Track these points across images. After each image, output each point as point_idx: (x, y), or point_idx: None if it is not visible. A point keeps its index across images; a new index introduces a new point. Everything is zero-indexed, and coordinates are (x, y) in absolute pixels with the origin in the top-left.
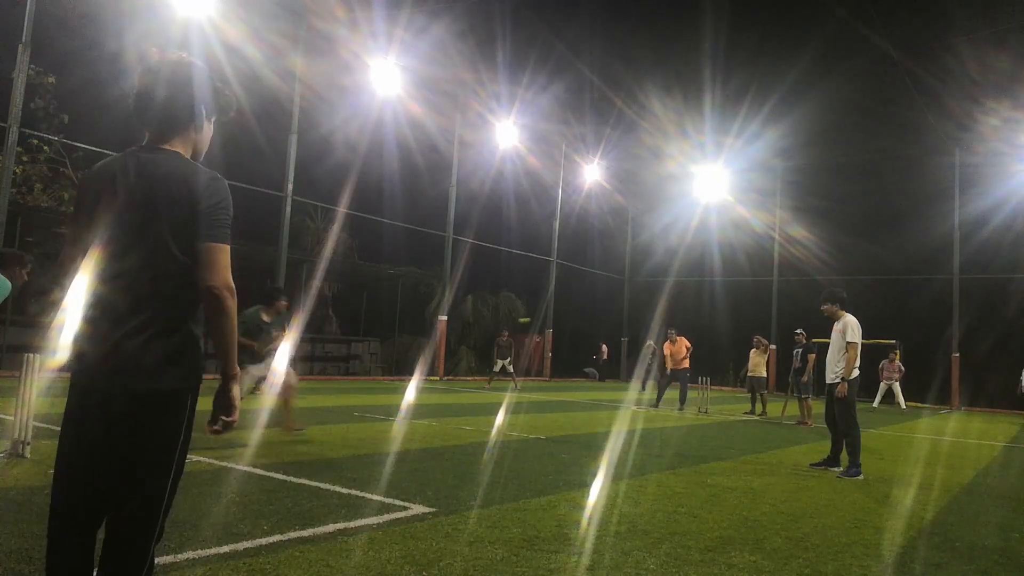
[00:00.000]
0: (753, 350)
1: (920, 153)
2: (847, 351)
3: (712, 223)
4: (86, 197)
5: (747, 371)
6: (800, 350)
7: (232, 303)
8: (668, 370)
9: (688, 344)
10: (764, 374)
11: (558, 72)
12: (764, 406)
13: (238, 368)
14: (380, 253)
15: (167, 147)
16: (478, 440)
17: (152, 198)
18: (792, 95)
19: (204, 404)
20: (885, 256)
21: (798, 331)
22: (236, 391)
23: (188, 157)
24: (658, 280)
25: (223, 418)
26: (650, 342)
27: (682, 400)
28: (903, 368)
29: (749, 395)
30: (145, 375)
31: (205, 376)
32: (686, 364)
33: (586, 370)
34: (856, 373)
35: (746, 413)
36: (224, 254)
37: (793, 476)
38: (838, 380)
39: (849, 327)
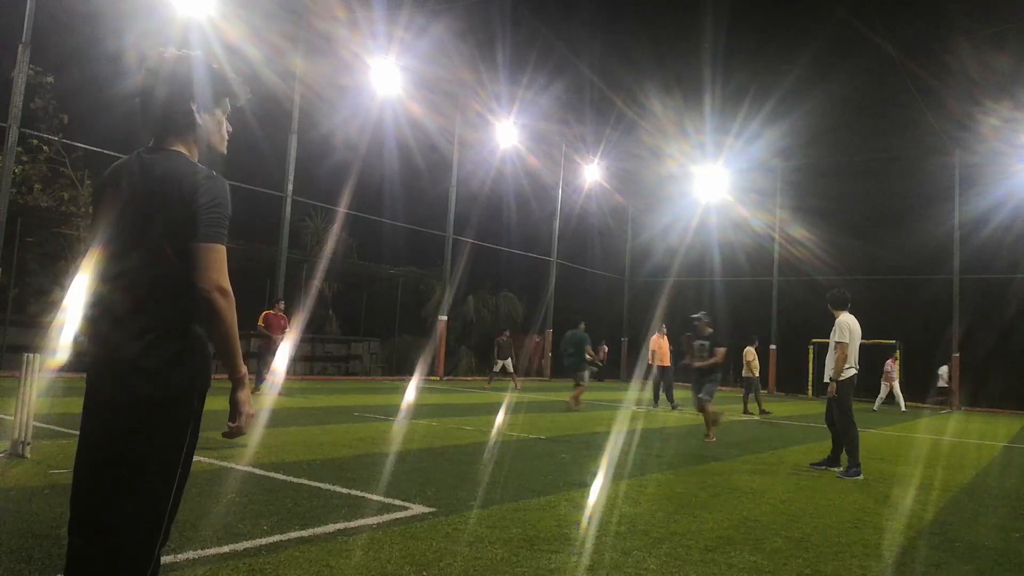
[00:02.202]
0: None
1: (920, 153)
2: (835, 351)
3: (712, 223)
4: (96, 200)
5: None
6: (707, 343)
7: (224, 303)
8: (654, 366)
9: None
10: (752, 374)
11: (558, 72)
12: (759, 405)
13: (244, 370)
14: (380, 253)
15: (169, 147)
16: (478, 440)
17: (149, 199)
18: (792, 95)
19: (212, 404)
20: (885, 256)
21: (697, 316)
22: (243, 395)
23: (192, 155)
24: (658, 280)
25: (228, 423)
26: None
27: (670, 398)
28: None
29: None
30: (147, 379)
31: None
32: (668, 362)
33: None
34: (851, 373)
35: (744, 413)
36: (215, 253)
37: (793, 476)
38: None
39: (839, 328)
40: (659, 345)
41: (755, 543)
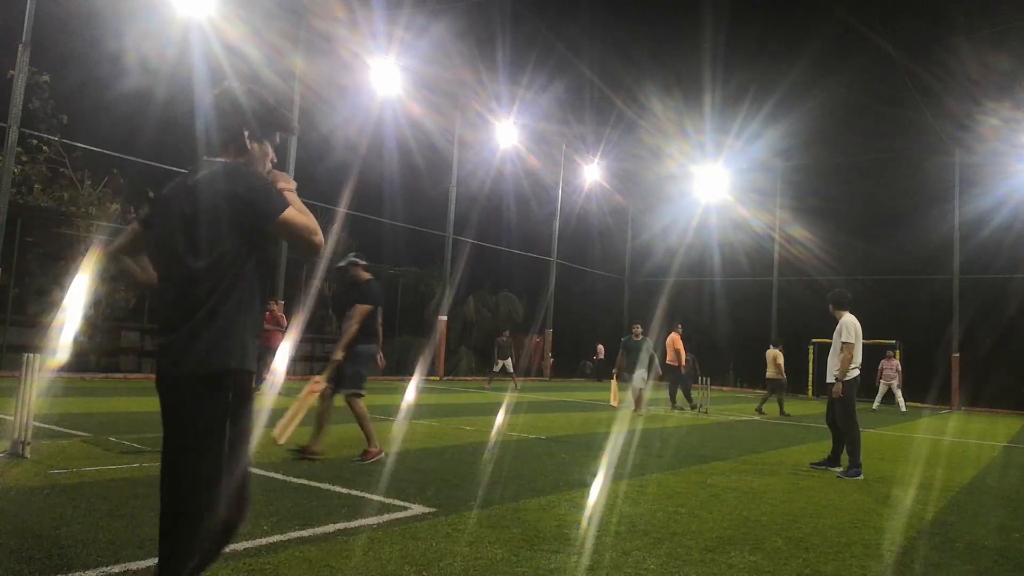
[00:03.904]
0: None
1: (920, 153)
2: (841, 351)
3: (712, 223)
4: (152, 213)
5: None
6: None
7: (320, 237)
8: (680, 366)
9: None
10: (781, 375)
11: (558, 72)
12: (760, 405)
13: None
14: (380, 253)
15: (217, 158)
16: (478, 440)
17: (186, 200)
18: (792, 95)
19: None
20: (885, 256)
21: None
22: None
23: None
24: (658, 280)
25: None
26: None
27: (672, 399)
28: (900, 369)
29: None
30: (179, 361)
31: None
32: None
33: (581, 366)
34: (855, 373)
35: (781, 414)
36: (294, 214)
37: (793, 476)
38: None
39: (844, 328)
40: (679, 345)
41: (755, 543)
